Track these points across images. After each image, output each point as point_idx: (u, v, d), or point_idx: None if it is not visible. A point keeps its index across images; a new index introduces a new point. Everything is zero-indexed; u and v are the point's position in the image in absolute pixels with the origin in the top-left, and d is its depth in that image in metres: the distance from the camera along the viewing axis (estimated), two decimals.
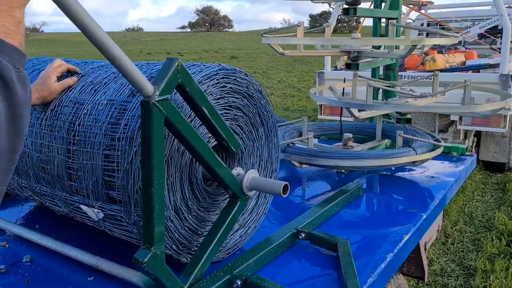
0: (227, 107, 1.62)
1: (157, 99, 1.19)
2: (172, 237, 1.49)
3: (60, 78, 1.74)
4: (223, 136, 1.50)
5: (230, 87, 1.61)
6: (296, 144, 2.68)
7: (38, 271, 1.69)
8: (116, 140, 1.43)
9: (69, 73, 1.81)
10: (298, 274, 1.68)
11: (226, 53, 26.55)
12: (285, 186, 1.52)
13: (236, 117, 1.68)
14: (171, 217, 1.46)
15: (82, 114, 1.57)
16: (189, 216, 1.54)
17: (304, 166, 2.76)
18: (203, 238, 1.58)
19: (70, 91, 1.70)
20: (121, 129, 1.43)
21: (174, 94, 1.36)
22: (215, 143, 1.57)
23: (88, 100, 1.61)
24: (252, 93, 1.73)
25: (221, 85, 1.57)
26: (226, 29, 64.64)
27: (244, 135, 1.73)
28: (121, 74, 1.08)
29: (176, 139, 1.40)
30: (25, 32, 0.80)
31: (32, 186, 1.81)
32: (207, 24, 64.65)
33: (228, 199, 1.61)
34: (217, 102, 1.57)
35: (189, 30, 64.35)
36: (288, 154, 2.55)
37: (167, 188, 1.41)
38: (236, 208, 1.58)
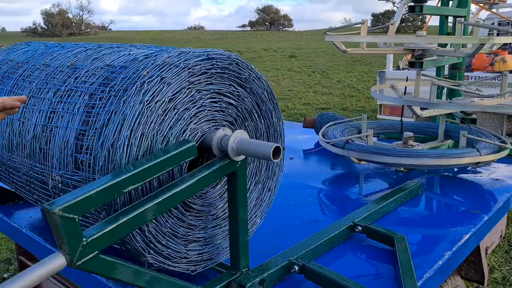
0: (214, 95, 1.48)
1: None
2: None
3: None
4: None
5: (220, 74, 1.47)
6: (355, 141, 2.70)
7: None
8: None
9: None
10: (353, 266, 1.72)
11: (285, 52, 26.58)
12: (276, 148, 1.32)
13: (225, 108, 1.52)
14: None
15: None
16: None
17: (363, 163, 2.77)
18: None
19: None
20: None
21: None
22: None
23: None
24: (248, 82, 1.57)
25: (209, 72, 1.44)
26: (286, 29, 64.60)
27: (237, 129, 1.57)
28: None
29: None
30: None
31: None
32: (266, 23, 64.98)
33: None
34: (203, 90, 1.43)
35: (249, 29, 64.96)
36: (347, 150, 2.57)
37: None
38: (237, 180, 1.46)
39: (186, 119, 1.40)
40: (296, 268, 1.55)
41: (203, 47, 1.53)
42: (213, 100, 1.48)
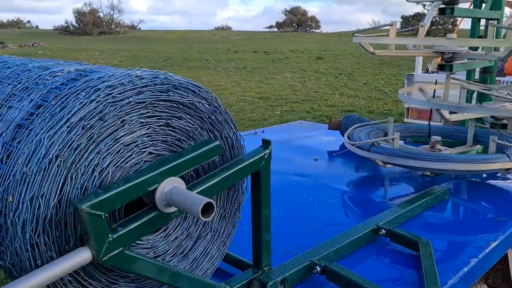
0: (164, 127, 1.26)
1: None
2: None
3: None
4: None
5: (169, 104, 1.24)
6: (380, 144, 2.67)
7: None
8: None
9: None
10: (376, 269, 1.70)
11: (312, 53, 26.48)
12: (207, 205, 1.10)
13: (177, 140, 1.30)
14: None
15: None
16: None
17: (388, 166, 2.73)
18: None
19: None
20: None
21: None
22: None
23: None
24: (199, 107, 1.33)
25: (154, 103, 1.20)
26: (313, 30, 64.29)
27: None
28: None
29: None
30: None
31: None
32: (294, 24, 64.81)
33: None
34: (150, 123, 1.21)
35: (276, 30, 64.92)
36: (373, 153, 2.55)
37: None
38: (261, 180, 1.43)
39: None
40: (318, 269, 1.55)
41: (230, 47, 1.50)
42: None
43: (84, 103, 1.07)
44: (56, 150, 1.04)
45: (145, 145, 1.23)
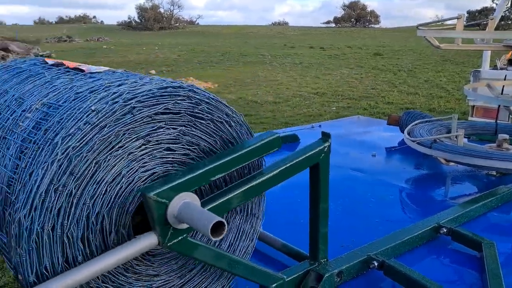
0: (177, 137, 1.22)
1: None
2: None
3: None
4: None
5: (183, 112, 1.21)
6: (443, 141, 2.58)
7: None
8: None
9: None
10: (435, 268, 1.66)
11: (370, 49, 25.85)
12: (218, 224, 1.05)
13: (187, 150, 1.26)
14: None
15: None
16: None
17: (451, 164, 2.64)
18: None
19: None
20: None
21: None
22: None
23: None
24: (219, 121, 1.29)
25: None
26: (372, 25, 62.70)
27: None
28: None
29: None
30: None
31: None
32: (352, 20, 63.50)
33: None
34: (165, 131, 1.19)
35: (333, 25, 63.90)
36: (435, 150, 2.47)
37: None
38: (320, 172, 1.44)
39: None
40: (376, 264, 1.53)
41: (287, 43, 1.49)
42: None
43: (46, 165, 1.03)
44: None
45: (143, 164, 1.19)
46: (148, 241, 1.13)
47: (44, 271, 1.06)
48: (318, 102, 11.64)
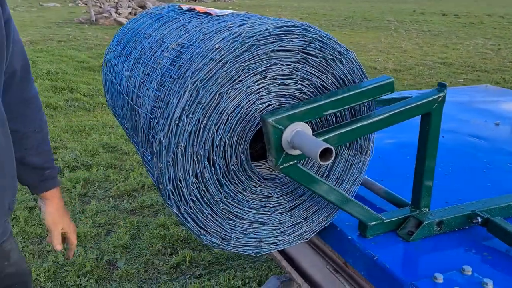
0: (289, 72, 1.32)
1: None
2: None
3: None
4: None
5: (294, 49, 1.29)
6: None
7: None
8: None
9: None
10: None
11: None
12: (326, 150, 1.14)
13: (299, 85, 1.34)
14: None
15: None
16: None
17: None
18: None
19: None
20: None
21: None
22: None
23: None
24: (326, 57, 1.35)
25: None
26: None
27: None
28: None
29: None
30: None
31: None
32: None
33: None
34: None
35: None
36: None
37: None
38: (431, 123, 1.48)
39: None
40: (480, 220, 1.52)
41: (417, 8, 1.46)
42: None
43: (179, 95, 1.21)
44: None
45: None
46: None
47: (179, 182, 1.27)
48: (444, 73, 10.88)
